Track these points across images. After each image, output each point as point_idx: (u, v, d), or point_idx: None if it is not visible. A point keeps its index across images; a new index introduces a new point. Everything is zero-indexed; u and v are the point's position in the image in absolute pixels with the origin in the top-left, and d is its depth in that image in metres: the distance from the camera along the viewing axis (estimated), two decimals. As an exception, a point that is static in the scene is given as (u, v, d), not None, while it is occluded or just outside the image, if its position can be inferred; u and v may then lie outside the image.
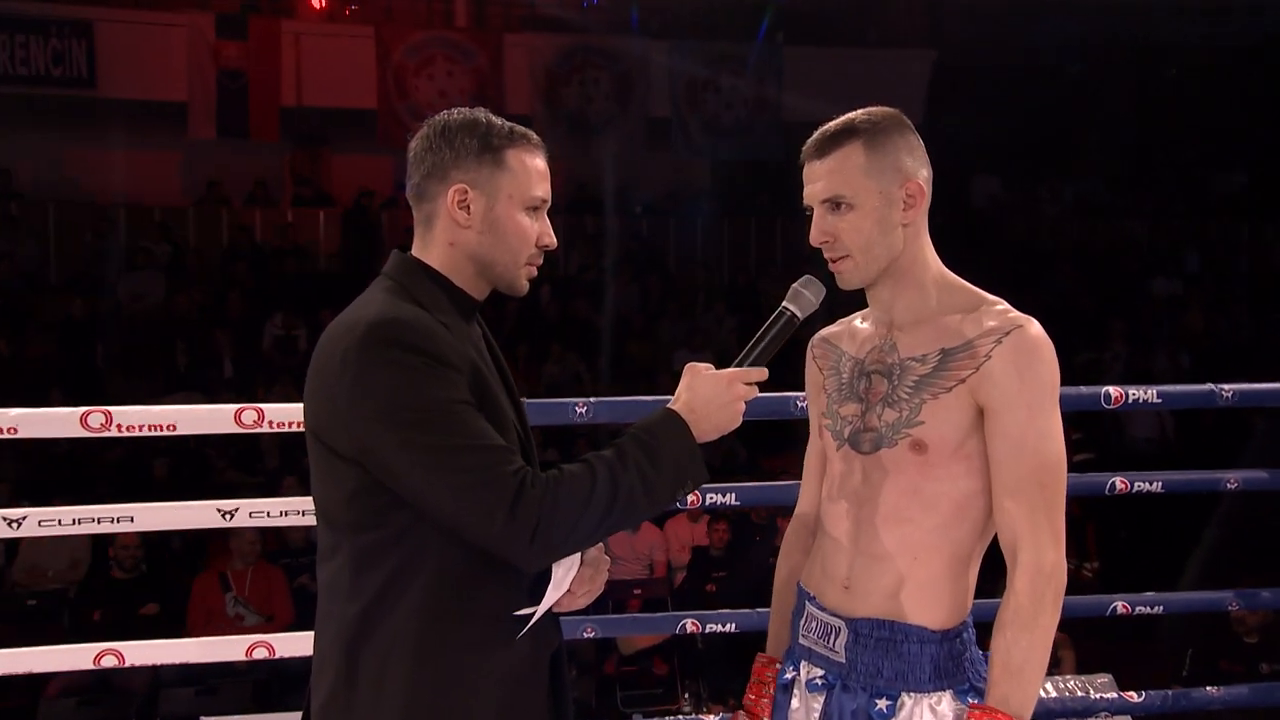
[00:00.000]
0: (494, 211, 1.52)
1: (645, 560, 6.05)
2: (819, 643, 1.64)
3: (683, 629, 2.67)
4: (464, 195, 1.50)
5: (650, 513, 1.48)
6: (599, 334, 9.15)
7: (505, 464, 1.38)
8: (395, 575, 1.42)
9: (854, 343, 1.71)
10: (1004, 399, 1.51)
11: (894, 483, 1.58)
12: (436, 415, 1.37)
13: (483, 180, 1.51)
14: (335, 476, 1.44)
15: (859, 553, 1.61)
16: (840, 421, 1.67)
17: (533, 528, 1.36)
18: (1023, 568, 1.49)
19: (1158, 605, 2.79)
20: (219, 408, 2.47)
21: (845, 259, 1.60)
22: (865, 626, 1.59)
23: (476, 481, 1.36)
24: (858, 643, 1.59)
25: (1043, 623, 1.48)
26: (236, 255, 10.01)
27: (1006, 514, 1.51)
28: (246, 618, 4.95)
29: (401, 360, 1.38)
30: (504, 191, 1.51)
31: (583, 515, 1.39)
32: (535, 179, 1.54)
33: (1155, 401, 2.65)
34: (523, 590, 1.48)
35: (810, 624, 1.67)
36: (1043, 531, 1.49)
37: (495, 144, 1.51)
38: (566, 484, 1.39)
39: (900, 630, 1.57)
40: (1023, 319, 1.54)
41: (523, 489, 1.36)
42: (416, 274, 1.52)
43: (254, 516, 2.46)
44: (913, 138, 1.60)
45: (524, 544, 1.36)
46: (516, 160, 1.52)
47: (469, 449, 1.37)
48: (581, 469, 1.42)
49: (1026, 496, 1.50)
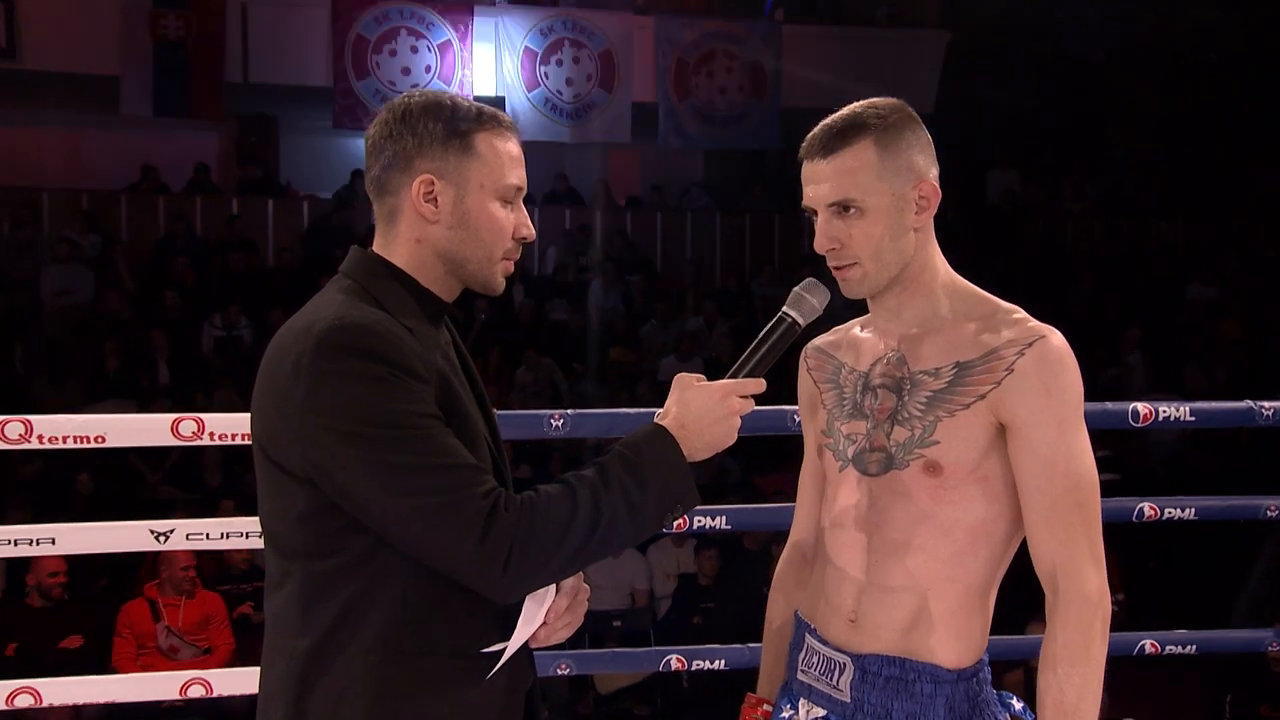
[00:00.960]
0: (464, 203, 1.51)
1: (625, 589, 6.05)
2: (821, 679, 1.65)
3: (666, 666, 2.67)
4: (430, 186, 1.49)
5: (635, 539, 1.48)
6: (577, 339, 9.16)
7: (476, 484, 1.37)
8: (351, 607, 1.42)
9: (855, 354, 1.71)
10: (1030, 415, 1.51)
11: (905, 508, 1.59)
12: (399, 430, 1.36)
13: (450, 169, 1.50)
14: (285, 496, 1.43)
15: (868, 584, 1.61)
16: (843, 440, 1.67)
17: (505, 556, 1.35)
18: (1067, 597, 1.50)
19: (1190, 645, 2.81)
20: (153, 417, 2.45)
21: (853, 267, 1.61)
22: (874, 664, 1.59)
23: (444, 504, 1.35)
24: (865, 681, 1.59)
25: (1094, 655, 1.49)
26: (174, 248, 9.97)
27: (1042, 540, 1.52)
28: (181, 651, 4.92)
29: (361, 369, 1.37)
30: (474, 181, 1.50)
31: (561, 542, 1.38)
32: (508, 165, 1.53)
33: (1188, 419, 2.68)
34: (492, 624, 1.48)
35: (811, 658, 1.67)
36: (1083, 556, 1.50)
37: (463, 128, 1.50)
38: (543, 507, 1.38)
39: (912, 669, 1.57)
40: (1044, 329, 1.56)
41: (495, 512, 1.36)
42: (379, 273, 1.51)
43: (192, 538, 2.44)
44: (923, 133, 1.61)
45: (496, 573, 1.36)
46: (487, 145, 1.51)
47: (435, 468, 1.36)
48: (560, 490, 1.41)
49: (1063, 520, 1.51)
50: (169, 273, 9.59)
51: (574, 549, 1.39)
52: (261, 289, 9.34)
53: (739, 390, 1.52)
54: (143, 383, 8.11)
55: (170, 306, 9.03)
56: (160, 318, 8.90)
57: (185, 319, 8.98)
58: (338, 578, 1.42)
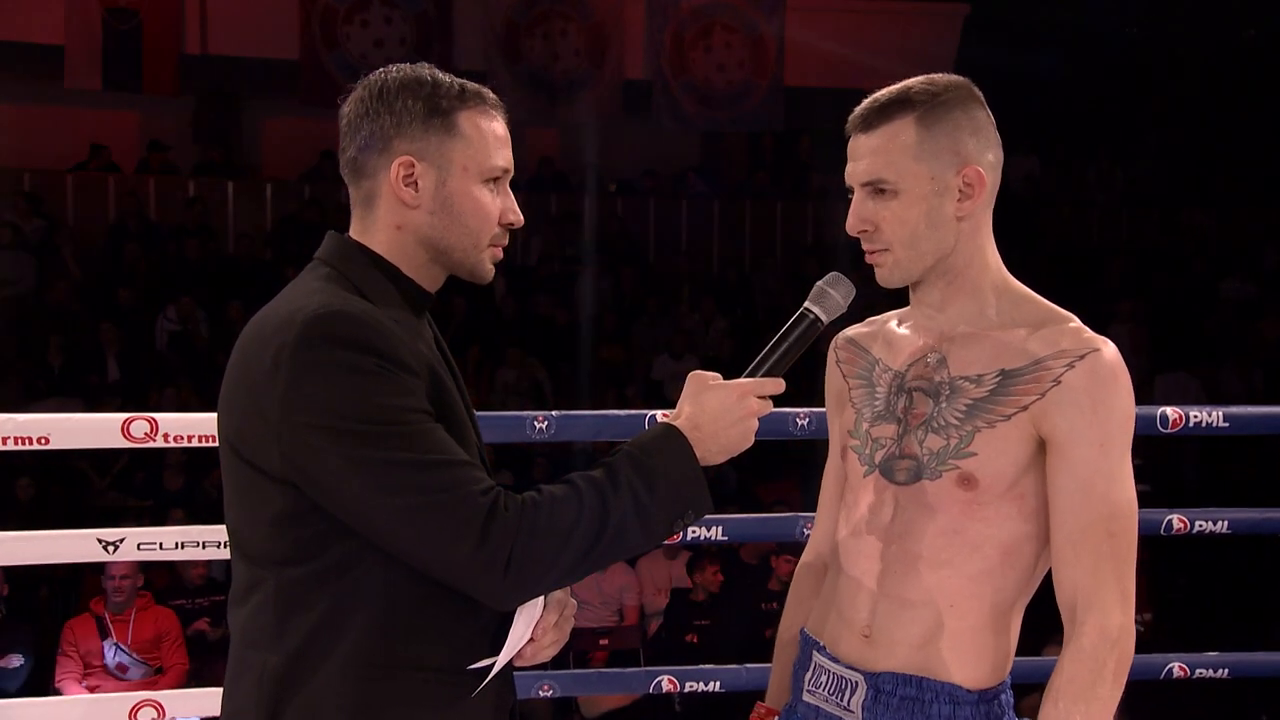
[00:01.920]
0: (447, 187, 1.51)
1: (614, 605, 6.06)
2: (830, 699, 1.66)
3: (657, 687, 2.67)
4: (410, 169, 1.50)
5: (644, 546, 1.49)
6: (564, 335, 9.16)
7: (473, 483, 1.38)
8: (329, 618, 1.42)
9: (891, 350, 1.72)
10: (1073, 432, 1.53)
11: (933, 520, 1.60)
12: (390, 426, 1.36)
13: (431, 150, 1.50)
14: (258, 499, 1.44)
15: (884, 596, 1.62)
16: (871, 444, 1.68)
17: (506, 558, 1.36)
18: (1084, 630, 1.51)
19: (1222, 668, 2.83)
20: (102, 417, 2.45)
21: (884, 253, 1.61)
22: (888, 682, 1.60)
23: (440, 503, 1.36)
24: (878, 701, 1.60)
25: (1101, 694, 1.50)
26: (125, 234, 9.94)
27: (1067, 566, 1.53)
28: (131, 670, 4.91)
29: (348, 361, 1.37)
30: (457, 163, 1.51)
31: (565, 546, 1.39)
32: (494, 145, 1.53)
33: (1222, 425, 2.70)
34: (480, 638, 1.48)
35: (819, 677, 1.68)
36: (1109, 589, 1.51)
37: (444, 106, 1.51)
38: (547, 508, 1.39)
39: (930, 688, 1.58)
40: (1100, 341, 1.56)
41: (495, 512, 1.37)
42: (359, 261, 1.52)
43: (144, 549, 2.43)
44: (980, 114, 1.62)
45: (496, 577, 1.37)
46: (470, 124, 1.52)
47: (430, 465, 1.37)
48: (565, 491, 1.42)
49: (1092, 547, 1.52)
50: (120, 261, 9.56)
51: (580, 553, 1.40)
52: (221, 279, 9.32)
53: (758, 390, 1.52)
54: (90, 380, 8.10)
55: (121, 297, 9.02)
56: (110, 309, 8.88)
57: (137, 311, 8.95)
58: (315, 586, 1.42)
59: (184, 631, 5.16)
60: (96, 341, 8.48)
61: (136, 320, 8.86)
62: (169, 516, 5.76)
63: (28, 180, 10.38)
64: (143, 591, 5.11)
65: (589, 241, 10.60)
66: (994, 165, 1.62)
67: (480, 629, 1.48)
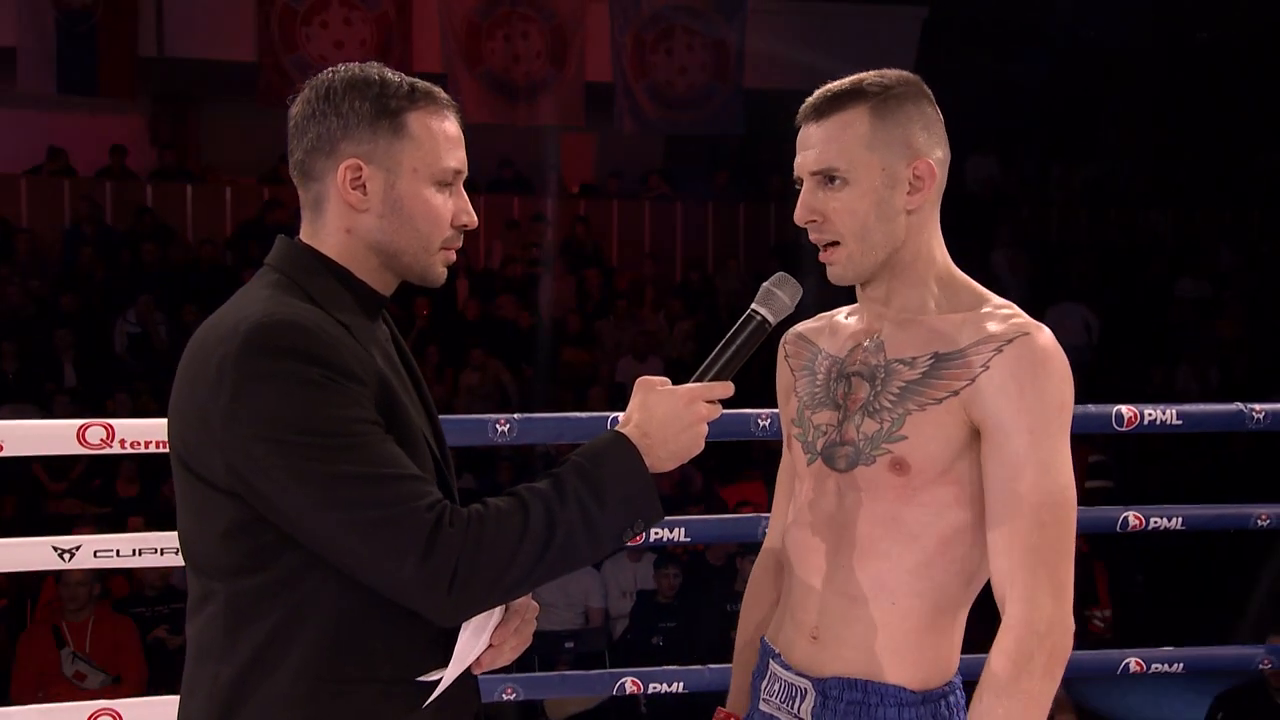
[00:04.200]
0: (396, 190, 1.49)
1: (579, 607, 6.05)
2: (782, 708, 1.66)
3: (621, 689, 2.67)
4: (357, 172, 1.48)
5: (593, 558, 1.47)
6: (527, 338, 9.14)
7: (418, 497, 1.36)
8: (278, 630, 1.40)
9: (835, 340, 1.72)
10: (1002, 419, 1.51)
11: (870, 509, 1.59)
12: (334, 438, 1.35)
13: (379, 153, 1.48)
14: (206, 510, 1.42)
15: (830, 593, 1.62)
16: (813, 431, 1.68)
17: (450, 575, 1.34)
18: (1010, 623, 1.49)
19: (1177, 663, 2.87)
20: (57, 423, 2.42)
21: (837, 247, 1.60)
22: (835, 687, 1.60)
23: (384, 518, 1.34)
24: (825, 707, 1.60)
25: (1027, 688, 1.46)
26: (82, 238, 9.82)
27: (998, 556, 1.51)
28: (89, 678, 4.86)
29: (292, 371, 1.35)
30: (406, 165, 1.49)
31: (512, 560, 1.37)
32: (445, 146, 1.51)
33: (1175, 423, 2.73)
34: (434, 647, 1.47)
35: (773, 685, 1.69)
36: (1039, 581, 1.48)
37: (392, 106, 1.48)
38: (493, 522, 1.38)
39: (875, 691, 1.58)
40: (1030, 325, 1.55)
41: (439, 528, 1.35)
42: (309, 264, 1.50)
43: (100, 556, 2.41)
44: (930, 110, 1.62)
45: (440, 594, 1.35)
46: (420, 125, 1.50)
47: (375, 479, 1.35)
48: (511, 504, 1.40)
49: (1022, 537, 1.49)
50: (76, 265, 9.45)
51: (526, 568, 1.39)
52: (179, 283, 9.23)
53: (706, 395, 1.51)
54: (46, 385, 7.99)
55: (76, 302, 8.90)
56: (66, 314, 8.77)
57: (94, 315, 8.85)
58: (265, 598, 1.41)
59: (143, 639, 5.11)
60: (51, 347, 8.37)
61: (93, 325, 8.75)
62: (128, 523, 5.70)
63: (-19, 184, 10.25)
64: (101, 600, 5.05)
65: (551, 244, 10.59)
66: (942, 162, 1.62)
67: (433, 639, 1.47)
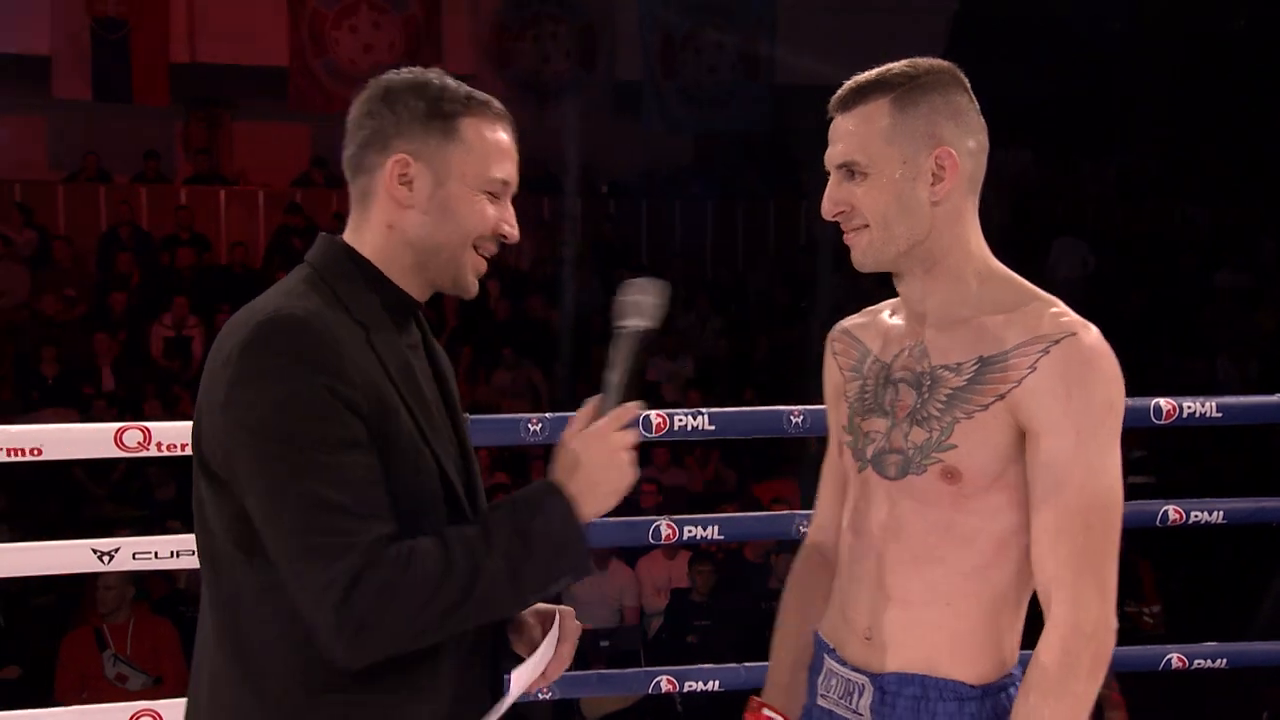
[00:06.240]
0: (443, 190, 1.50)
1: (613, 605, 6.05)
2: (840, 703, 1.65)
3: (656, 688, 2.67)
4: (405, 168, 1.49)
5: (513, 609, 1.45)
6: (557, 337, 9.16)
7: (360, 533, 1.34)
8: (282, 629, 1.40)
9: (881, 341, 1.70)
10: (1048, 421, 1.49)
11: (923, 516, 1.58)
12: (306, 453, 1.35)
13: (430, 152, 1.49)
14: (214, 501, 1.43)
15: (884, 598, 1.61)
16: (863, 439, 1.66)
17: (357, 626, 1.33)
18: (1056, 624, 1.49)
19: (1220, 658, 2.83)
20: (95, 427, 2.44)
21: (861, 230, 1.59)
22: (893, 683, 1.59)
23: (320, 547, 1.33)
24: (884, 702, 1.59)
25: (1074, 689, 1.47)
26: (118, 243, 9.93)
27: (1044, 557, 1.51)
28: (130, 679, 4.90)
29: (285, 373, 1.36)
30: (455, 168, 1.50)
31: (422, 612, 1.35)
32: (495, 156, 1.52)
33: (1215, 415, 2.70)
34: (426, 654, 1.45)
35: (830, 681, 1.68)
36: (1085, 582, 1.48)
37: (447, 109, 1.49)
38: (417, 569, 1.35)
39: (933, 685, 1.57)
40: (1078, 324, 1.52)
41: (363, 575, 1.33)
42: (342, 263, 1.51)
43: (139, 558, 2.43)
44: (960, 99, 1.58)
45: (341, 643, 1.34)
46: (473, 131, 1.51)
47: (326, 506, 1.34)
48: (439, 554, 1.37)
49: (1068, 539, 1.48)
50: (112, 270, 9.54)
51: (438, 618, 1.36)
52: (213, 287, 9.31)
53: (616, 425, 1.50)
54: (84, 390, 8.08)
55: (114, 307, 9.00)
56: (103, 319, 8.87)
57: (130, 321, 8.94)
58: (267, 595, 1.40)
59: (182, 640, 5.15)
60: (90, 352, 8.46)
61: (130, 330, 8.84)
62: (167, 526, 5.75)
63: (19, 191, 10.38)
64: (139, 601, 5.10)
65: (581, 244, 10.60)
66: (974, 152, 1.59)
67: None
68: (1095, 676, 1.48)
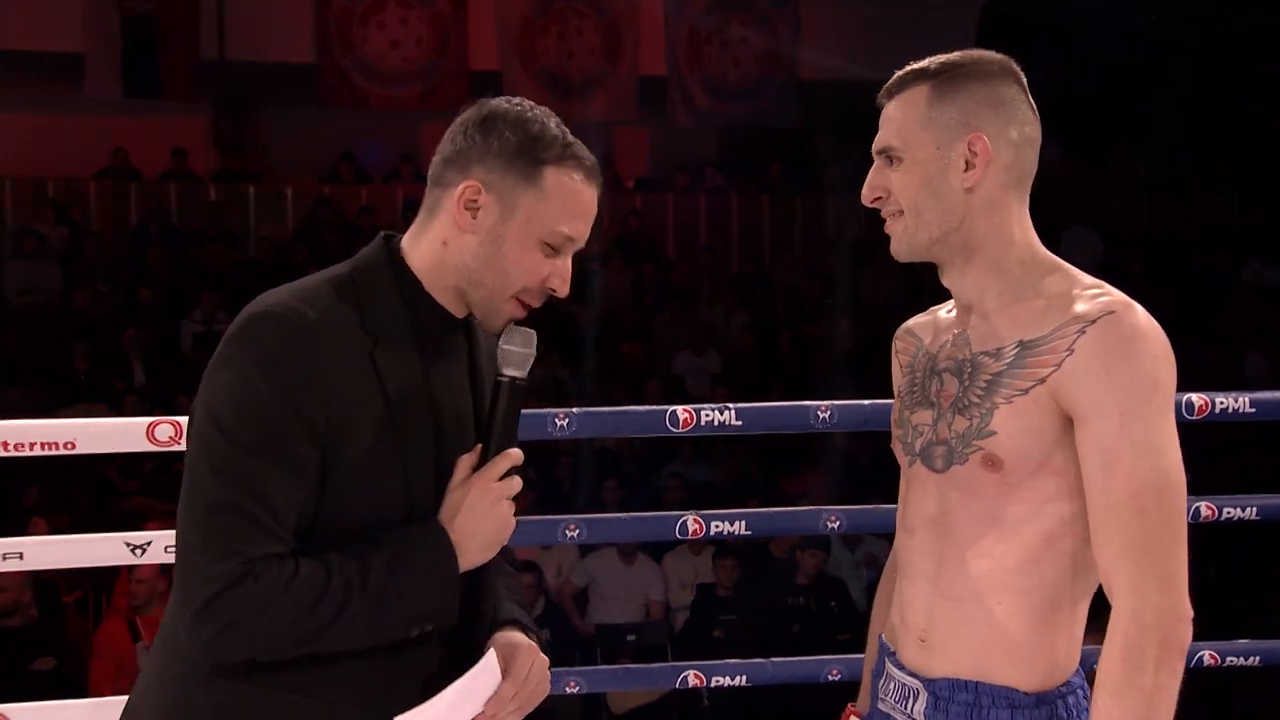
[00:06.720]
0: (504, 227, 1.49)
1: (640, 600, 6.05)
2: (896, 707, 1.63)
3: (684, 682, 2.67)
4: (476, 194, 1.48)
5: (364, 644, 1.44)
6: (584, 332, 9.16)
7: (252, 544, 1.36)
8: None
9: (932, 333, 1.69)
10: (1090, 403, 1.45)
11: (969, 508, 1.54)
12: (243, 454, 1.37)
13: (505, 187, 1.48)
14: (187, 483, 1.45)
15: (936, 596, 1.58)
16: (911, 432, 1.64)
17: (217, 631, 1.36)
18: (1117, 617, 1.44)
19: (1254, 656, 2.80)
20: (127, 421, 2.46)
21: (896, 216, 1.59)
22: (945, 688, 1.56)
23: (211, 546, 1.36)
24: (938, 708, 1.57)
25: (1142, 684, 1.40)
26: (149, 239, 9.99)
27: (1101, 548, 1.46)
28: (162, 672, 4.94)
29: (250, 367, 1.39)
30: (523, 211, 1.49)
31: (283, 630, 1.38)
32: (569, 211, 1.51)
33: (1248, 411, 2.67)
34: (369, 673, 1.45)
35: (888, 685, 1.66)
36: (1144, 572, 1.42)
37: (537, 152, 1.48)
38: (292, 592, 1.37)
39: (986, 692, 1.54)
40: (1118, 303, 1.48)
41: (239, 584, 1.35)
42: (381, 270, 1.51)
43: (170, 551, 2.44)
44: (1006, 90, 1.57)
45: (198, 640, 1.37)
46: (554, 181, 1.50)
47: (234, 509, 1.36)
48: (318, 578, 1.39)
49: (1121, 526, 1.43)
50: (143, 266, 9.61)
51: (295, 640, 1.39)
52: (242, 282, 9.35)
53: (495, 474, 1.50)
54: (116, 385, 8.14)
55: (144, 302, 9.06)
56: (134, 315, 8.93)
57: (161, 316, 8.99)
58: None
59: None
60: (121, 347, 8.52)
61: (160, 325, 8.90)
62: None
63: (51, 187, 10.46)
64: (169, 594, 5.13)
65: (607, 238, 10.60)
66: (1015, 142, 1.57)
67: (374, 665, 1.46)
68: (1167, 668, 1.41)
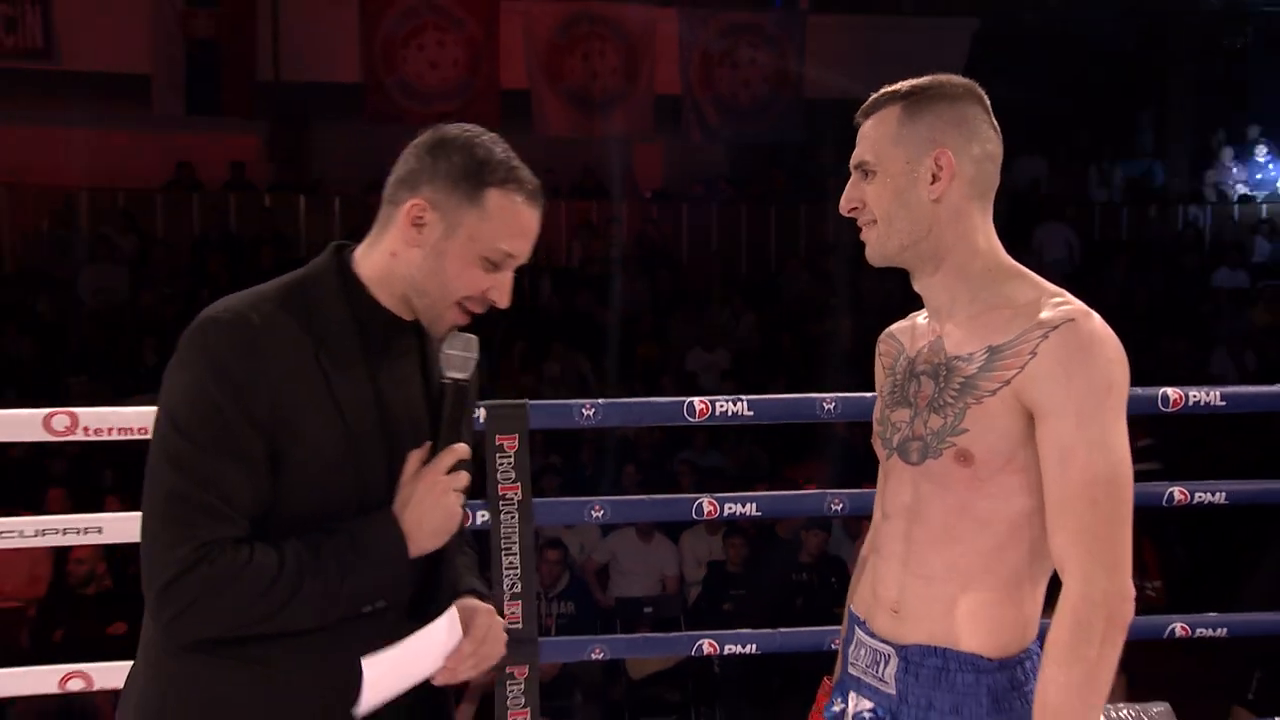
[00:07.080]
0: (446, 243, 1.49)
1: (656, 575, 6.07)
2: (867, 671, 1.65)
3: (699, 650, 2.68)
4: (423, 212, 1.48)
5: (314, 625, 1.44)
6: (604, 332, 9.17)
7: (205, 528, 1.37)
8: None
9: (912, 338, 1.70)
10: (1050, 404, 1.47)
11: (942, 499, 1.57)
12: (195, 449, 1.38)
13: (450, 206, 1.48)
14: None
15: (909, 575, 1.60)
16: (890, 428, 1.66)
17: (176, 612, 1.38)
18: (1067, 595, 1.46)
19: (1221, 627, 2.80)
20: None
21: (870, 225, 1.62)
22: (916, 654, 1.58)
23: (167, 533, 1.37)
24: (908, 672, 1.59)
25: (1086, 655, 1.44)
26: (210, 245, 10.05)
27: (1055, 534, 1.49)
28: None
29: (198, 367, 1.41)
30: (466, 229, 1.48)
31: (241, 612, 1.39)
32: (509, 231, 1.50)
33: (1219, 404, 2.66)
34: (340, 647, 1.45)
35: (859, 651, 1.67)
36: (1094, 557, 1.45)
37: (481, 175, 1.48)
38: (247, 575, 1.38)
39: (953, 658, 1.56)
40: (1078, 311, 1.50)
41: (195, 567, 1.36)
42: (329, 277, 1.52)
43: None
44: (970, 110, 1.59)
45: (160, 621, 1.40)
46: (497, 202, 1.49)
47: (186, 498, 1.37)
48: (271, 561, 1.39)
49: (1074, 515, 1.46)
50: (205, 271, 9.67)
51: (256, 617, 1.40)
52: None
53: (441, 470, 1.50)
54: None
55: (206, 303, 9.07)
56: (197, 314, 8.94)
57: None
58: None
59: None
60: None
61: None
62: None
63: (121, 199, 10.53)
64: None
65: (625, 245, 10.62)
66: (978, 158, 1.58)
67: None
68: (1110, 642, 1.45)
